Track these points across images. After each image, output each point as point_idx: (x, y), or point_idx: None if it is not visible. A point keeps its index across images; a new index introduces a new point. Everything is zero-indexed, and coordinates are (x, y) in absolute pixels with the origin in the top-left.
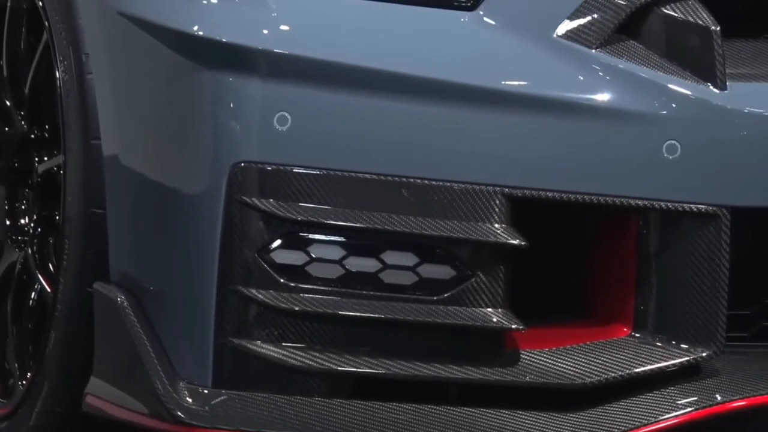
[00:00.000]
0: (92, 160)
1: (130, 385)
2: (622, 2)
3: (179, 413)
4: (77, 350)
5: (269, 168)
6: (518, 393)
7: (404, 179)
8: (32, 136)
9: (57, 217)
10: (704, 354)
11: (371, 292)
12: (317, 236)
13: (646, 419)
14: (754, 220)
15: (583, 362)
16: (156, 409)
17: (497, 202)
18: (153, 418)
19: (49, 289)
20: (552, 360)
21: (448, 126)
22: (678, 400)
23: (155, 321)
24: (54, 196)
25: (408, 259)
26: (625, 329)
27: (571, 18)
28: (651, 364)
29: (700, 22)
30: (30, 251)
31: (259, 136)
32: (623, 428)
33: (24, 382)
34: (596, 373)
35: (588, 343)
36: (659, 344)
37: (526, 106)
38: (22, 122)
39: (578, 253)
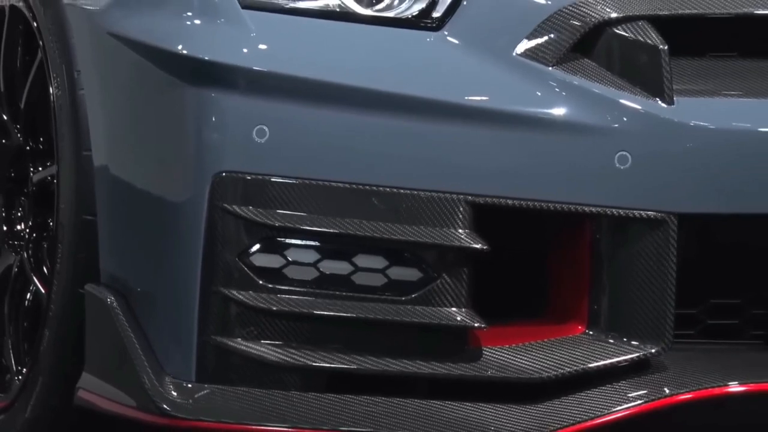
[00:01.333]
0: (83, 170)
1: (119, 380)
2: (577, 23)
3: (165, 406)
4: (70, 347)
5: (249, 177)
6: (481, 387)
7: (374, 188)
8: (28, 147)
9: (51, 223)
10: (653, 350)
11: (344, 293)
12: (293, 241)
13: (599, 411)
14: (700, 226)
15: (541, 358)
16: (143, 403)
17: (461, 209)
18: (140, 410)
19: (43, 291)
20: (512, 356)
21: (415, 138)
22: (629, 394)
23: (142, 320)
24: (48, 204)
25: (378, 262)
26: (579, 327)
27: (530, 38)
28: (604, 360)
29: (650, 42)
30: (26, 255)
31: (239, 147)
32: (578, 420)
33: (20, 377)
34: (553, 368)
35: (545, 340)
36: (611, 341)
37: (487, 119)
38: (18, 135)
39: (537, 256)
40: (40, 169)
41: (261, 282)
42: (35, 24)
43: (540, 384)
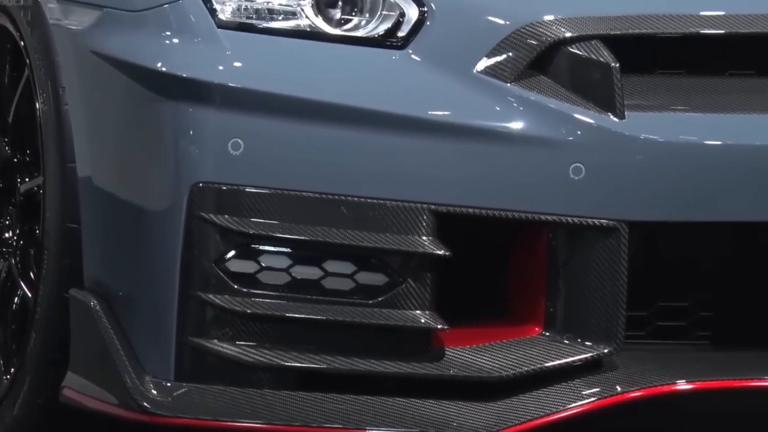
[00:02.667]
0: (68, 181)
1: (102, 379)
2: (534, 42)
3: (145, 404)
4: (55, 348)
5: (224, 187)
6: (443, 385)
7: (343, 197)
8: (15, 159)
9: (37, 231)
10: (606, 350)
11: (314, 297)
12: (267, 247)
13: (554, 408)
14: (650, 233)
15: (500, 358)
16: (125, 400)
17: (424, 217)
18: (122, 408)
19: (30, 295)
20: (473, 356)
21: (381, 150)
22: (583, 391)
23: (124, 323)
24: (35, 213)
25: (347, 267)
26: (536, 329)
27: (489, 56)
28: (559, 360)
29: (602, 60)
30: (13, 261)
31: (215, 159)
32: (535, 416)
33: (8, 376)
34: (511, 367)
35: (504, 341)
36: (566, 342)
37: (449, 133)
38: (6, 148)
39: (498, 261)
40: (27, 180)
41: (236, 286)
42: (22, 43)
43: (499, 382)
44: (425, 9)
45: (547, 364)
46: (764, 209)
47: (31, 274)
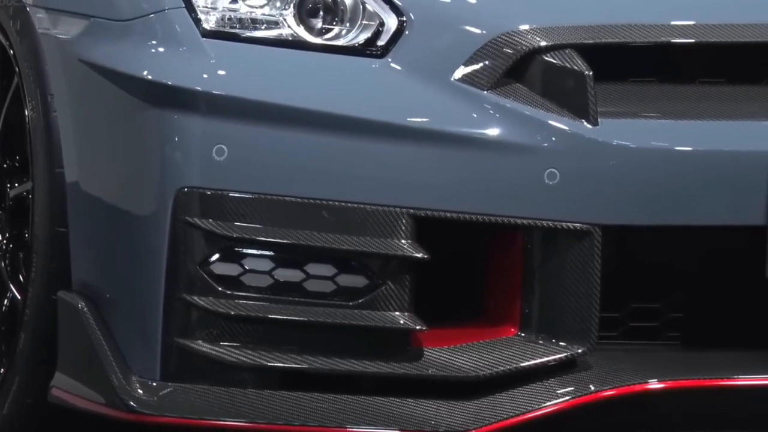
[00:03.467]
0: (56, 186)
1: (90, 379)
2: (509, 51)
3: (131, 403)
4: (44, 349)
5: (209, 192)
6: (422, 384)
7: (324, 202)
8: (4, 165)
9: (26, 235)
10: (580, 350)
11: (296, 299)
12: (250, 251)
13: (530, 406)
14: (622, 237)
15: (477, 358)
16: (112, 400)
17: (403, 221)
18: (109, 407)
19: (19, 297)
20: (451, 356)
21: (362, 156)
22: (557, 390)
23: (111, 324)
24: (24, 217)
25: (327, 270)
26: (512, 329)
27: (466, 64)
28: (534, 360)
29: (576, 68)
30: (3, 264)
31: (200, 165)
32: (511, 414)
33: None
34: (488, 367)
35: (481, 341)
36: (541, 342)
37: (427, 139)
38: None
39: (475, 264)
40: (17, 185)
41: (220, 289)
42: (12, 52)
43: (476, 382)
44: (404, 19)
45: (522, 364)
46: (732, 213)
47: (21, 277)
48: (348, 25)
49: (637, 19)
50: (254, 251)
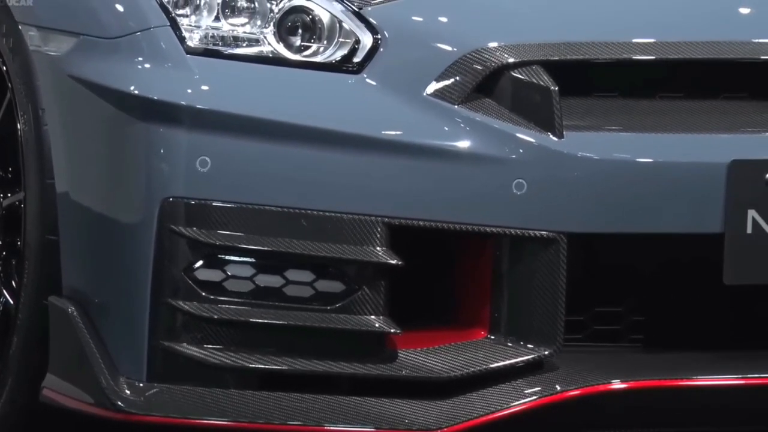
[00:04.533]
0: (47, 196)
1: (79, 380)
2: (479, 67)
3: (119, 403)
4: (35, 352)
5: (193, 202)
6: (396, 384)
7: (303, 211)
8: None
9: (18, 243)
10: (546, 352)
11: (276, 303)
12: (232, 257)
13: (499, 406)
14: (586, 244)
15: (449, 359)
16: (100, 400)
17: (378, 229)
18: (98, 407)
19: (12, 302)
20: (424, 358)
21: (339, 167)
22: (525, 390)
23: (100, 327)
24: (16, 226)
25: (306, 276)
26: (482, 332)
27: (438, 80)
28: (503, 361)
29: (542, 83)
30: None
31: (184, 176)
32: (481, 413)
33: None
34: (459, 368)
35: (453, 343)
36: (510, 344)
37: (401, 151)
38: None
39: (447, 270)
40: (9, 195)
41: (204, 294)
42: (4, 68)
43: (448, 382)
44: (379, 36)
45: (492, 365)
46: (691, 222)
47: (13, 283)
48: (325, 42)
49: (600, 37)
50: (236, 258)
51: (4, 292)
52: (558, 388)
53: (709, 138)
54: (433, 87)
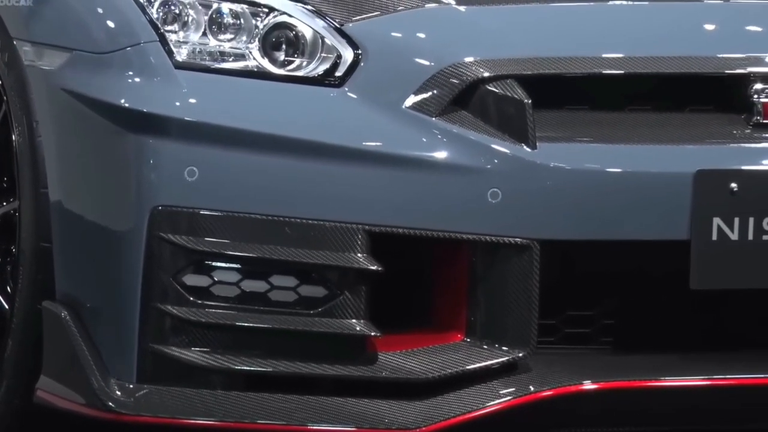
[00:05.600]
0: (41, 204)
1: (72, 382)
2: (456, 81)
3: (110, 403)
4: (30, 354)
5: (181, 210)
6: (377, 385)
7: (287, 219)
8: None
9: (13, 250)
10: (520, 354)
11: (261, 307)
12: (219, 264)
13: (475, 405)
14: (559, 250)
15: (427, 361)
16: (92, 401)
17: (359, 236)
18: (89, 407)
19: (7, 307)
20: (403, 360)
21: (321, 177)
22: (500, 391)
23: (91, 331)
24: (11, 233)
25: (290, 281)
26: (459, 335)
27: (416, 93)
28: (479, 363)
29: (516, 97)
30: None
31: (173, 185)
32: (458, 413)
33: None
34: (437, 369)
35: (431, 346)
36: (485, 347)
37: (381, 161)
38: None
39: (425, 275)
40: (4, 204)
41: (191, 298)
42: (0, 82)
43: (426, 383)
44: (360, 51)
45: (468, 367)
46: (659, 229)
47: (8, 288)
48: (308, 57)
49: (572, 52)
50: (222, 264)
51: (0, 297)
52: (531, 388)
53: (676, 149)
54: (411, 100)
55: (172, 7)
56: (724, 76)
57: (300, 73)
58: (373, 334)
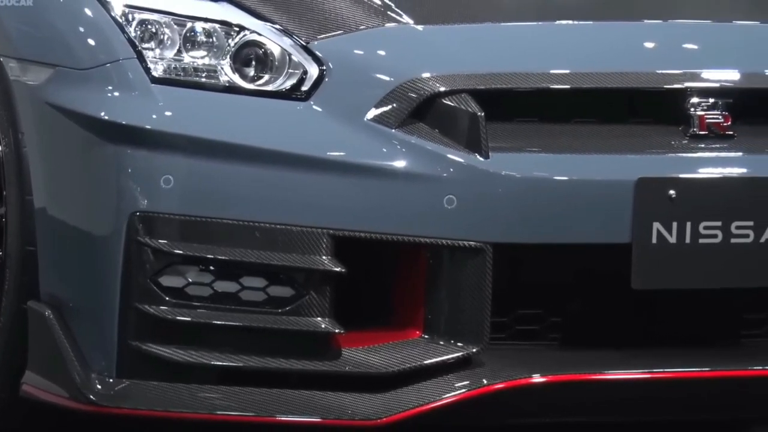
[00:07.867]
0: (27, 211)
1: (55, 377)
2: (414, 95)
3: (91, 397)
4: (16, 351)
5: (158, 216)
6: (341, 379)
7: (256, 223)
8: None
9: (0, 253)
10: (474, 350)
11: (233, 307)
12: (193, 266)
13: (432, 397)
14: (510, 253)
15: (387, 356)
16: (74, 394)
17: (324, 240)
18: (72, 400)
19: None
20: (365, 355)
21: (288, 184)
22: (455, 384)
23: (74, 329)
24: None
25: (259, 282)
26: (417, 332)
27: (377, 106)
28: (436, 358)
29: (470, 110)
30: None
31: (149, 192)
32: (416, 404)
33: None
34: (396, 364)
35: (391, 342)
36: (442, 343)
37: (344, 170)
38: None
39: (385, 276)
40: None
41: (167, 298)
42: None
43: (386, 377)
44: (324, 67)
45: (425, 362)
46: (602, 233)
47: None
48: (276, 73)
49: (522, 68)
50: (196, 266)
51: None
52: (485, 381)
53: (618, 158)
54: (372, 113)
55: (149, 26)
56: (662, 90)
57: (269, 88)
58: (337, 331)
